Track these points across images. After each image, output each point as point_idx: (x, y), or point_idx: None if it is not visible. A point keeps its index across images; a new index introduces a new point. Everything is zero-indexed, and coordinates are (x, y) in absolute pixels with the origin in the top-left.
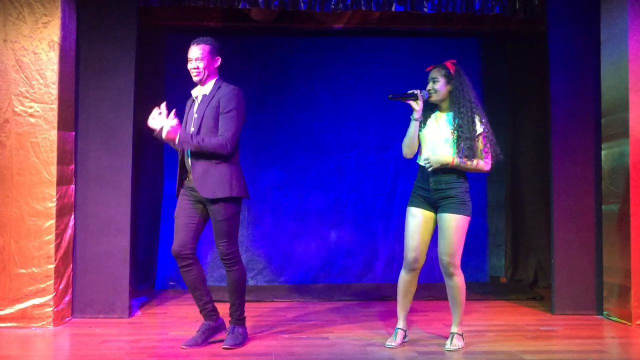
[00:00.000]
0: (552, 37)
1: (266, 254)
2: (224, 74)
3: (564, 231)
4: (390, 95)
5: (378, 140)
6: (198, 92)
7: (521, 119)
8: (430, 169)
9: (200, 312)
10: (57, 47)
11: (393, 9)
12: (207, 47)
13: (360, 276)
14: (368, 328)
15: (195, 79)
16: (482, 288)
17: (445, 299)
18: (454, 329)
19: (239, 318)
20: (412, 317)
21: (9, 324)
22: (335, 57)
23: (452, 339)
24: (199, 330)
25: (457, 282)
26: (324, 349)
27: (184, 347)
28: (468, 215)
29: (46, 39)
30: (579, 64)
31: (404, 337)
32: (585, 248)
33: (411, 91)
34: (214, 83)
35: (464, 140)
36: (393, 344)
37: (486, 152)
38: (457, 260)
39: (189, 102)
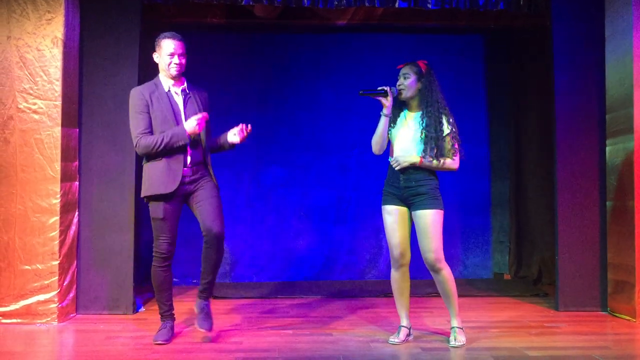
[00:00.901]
0: (556, 33)
1: (269, 251)
2: (227, 71)
3: (568, 227)
4: (361, 92)
5: None
6: (171, 87)
7: (525, 114)
8: (397, 169)
9: (165, 312)
10: (60, 43)
11: (397, 5)
12: (184, 44)
13: (363, 273)
14: (372, 324)
15: (176, 73)
16: (486, 285)
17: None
18: (454, 322)
19: (211, 292)
20: (415, 313)
21: (14, 320)
22: (338, 54)
23: (455, 335)
24: (165, 328)
25: (445, 275)
26: (328, 345)
27: (159, 342)
28: (441, 209)
29: (50, 35)
30: (583, 60)
31: (408, 334)
32: (589, 244)
33: (381, 87)
34: (186, 80)
35: (431, 139)
36: (396, 340)
37: (454, 151)
38: (441, 254)
39: (143, 91)
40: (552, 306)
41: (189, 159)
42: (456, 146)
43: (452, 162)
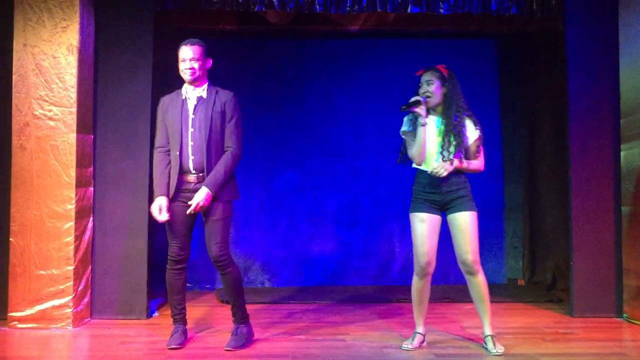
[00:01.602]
0: (569, 37)
1: (282, 256)
2: (241, 77)
3: (582, 233)
4: (403, 107)
5: (394, 142)
6: (189, 93)
7: (539, 119)
8: (445, 175)
9: (176, 315)
10: (75, 51)
11: (409, 10)
12: (200, 48)
13: (376, 278)
14: (384, 330)
15: (188, 79)
16: (499, 290)
17: (463, 300)
18: (489, 330)
19: (242, 317)
20: (428, 319)
21: (29, 325)
22: (351, 59)
23: (493, 342)
24: (177, 332)
25: (482, 278)
26: (340, 350)
27: (173, 347)
28: (477, 212)
29: (65, 43)
30: (597, 64)
31: (422, 341)
32: (604, 250)
33: (414, 98)
34: (208, 86)
35: (460, 144)
36: (409, 346)
37: (479, 153)
38: (479, 257)
39: (167, 100)
40: (567, 312)
41: (191, 165)
42: (481, 148)
43: (480, 165)
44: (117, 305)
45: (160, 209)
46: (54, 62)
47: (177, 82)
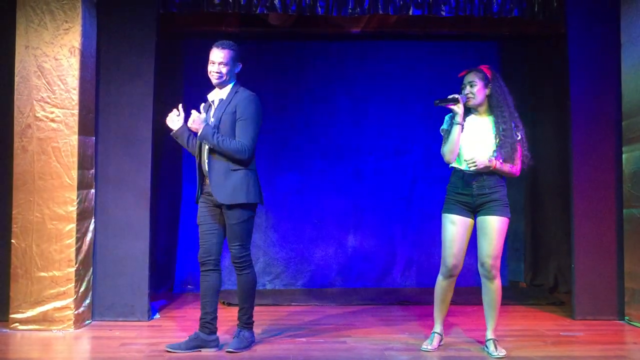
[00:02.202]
0: (571, 39)
1: (284, 257)
2: (242, 79)
3: (584, 235)
4: (437, 101)
5: (396, 144)
6: (215, 96)
7: (541, 122)
8: (473, 169)
9: (200, 319)
10: (77, 53)
11: (410, 12)
12: (231, 52)
13: (378, 280)
14: (386, 332)
15: (215, 82)
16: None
17: (465, 303)
18: (492, 334)
19: (247, 322)
20: (429, 321)
21: (31, 327)
22: (353, 61)
23: (495, 346)
24: (188, 337)
25: (497, 285)
26: (342, 353)
27: (168, 349)
28: (509, 218)
29: (67, 45)
30: (599, 66)
31: (440, 341)
32: (606, 252)
33: (452, 95)
34: (232, 87)
35: (507, 145)
36: (429, 347)
37: (519, 158)
38: (499, 263)
39: (204, 107)
40: (569, 315)
41: (206, 168)
42: (520, 153)
43: (516, 169)
44: (119, 307)
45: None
46: (56, 64)
47: (180, 84)
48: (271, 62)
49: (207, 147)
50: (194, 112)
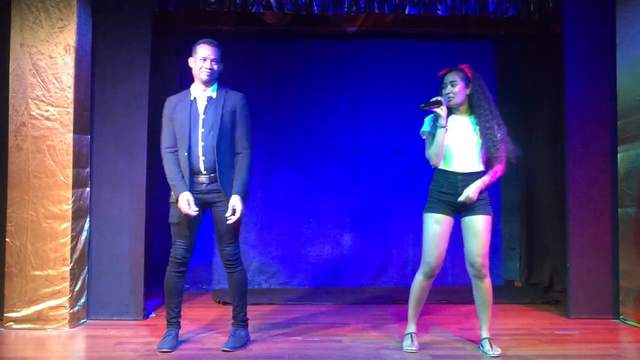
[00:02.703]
0: (567, 39)
1: (280, 256)
2: (238, 78)
3: (579, 234)
4: (422, 105)
5: (393, 143)
6: (199, 93)
7: (536, 121)
8: (469, 201)
9: (172, 318)
10: (73, 51)
11: (406, 11)
12: (219, 51)
13: (373, 279)
14: (382, 331)
15: (205, 78)
16: (496, 292)
17: (460, 302)
18: (487, 333)
19: (242, 320)
20: (426, 320)
21: (25, 326)
22: (349, 60)
23: (490, 345)
24: (170, 335)
25: (488, 283)
26: (337, 351)
27: (164, 350)
28: (493, 216)
29: (62, 43)
30: (595, 66)
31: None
32: (601, 251)
33: (435, 98)
34: (217, 86)
35: (491, 144)
36: (414, 347)
37: (502, 157)
38: (488, 261)
39: (174, 100)
40: (564, 314)
41: (202, 165)
42: (502, 151)
43: (501, 170)
44: (114, 306)
45: (188, 203)
46: (51, 62)
47: (175, 83)
48: (267, 61)
49: (202, 143)
50: (238, 207)
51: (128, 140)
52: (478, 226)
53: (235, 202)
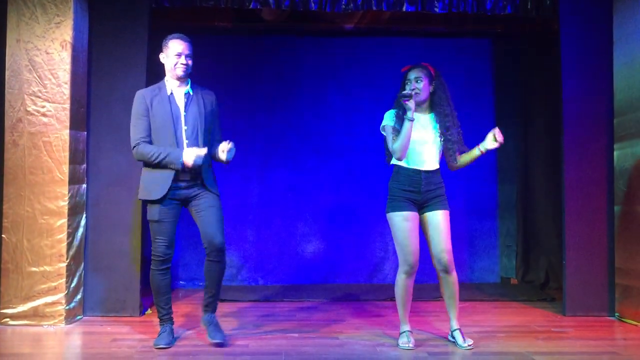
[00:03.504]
0: (564, 36)
1: (276, 254)
2: (234, 74)
3: (575, 232)
4: (400, 99)
5: None
6: (174, 89)
7: (533, 119)
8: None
9: (163, 316)
10: (69, 47)
11: (404, 9)
12: (192, 45)
13: (370, 277)
14: (378, 328)
15: (182, 74)
16: (492, 289)
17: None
18: (456, 324)
19: (215, 307)
20: (422, 317)
21: (21, 322)
22: (346, 58)
23: (462, 336)
24: (165, 332)
25: (455, 276)
26: (334, 348)
27: (161, 346)
28: (449, 211)
29: (59, 39)
30: (592, 63)
31: None
32: (597, 249)
33: (405, 92)
34: (190, 82)
35: (453, 141)
36: (410, 345)
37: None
38: (452, 255)
39: (146, 94)
40: (559, 311)
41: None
42: (457, 152)
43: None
44: (110, 303)
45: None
46: (47, 58)
47: None
48: (263, 58)
49: (187, 141)
50: (195, 150)
51: (125, 136)
52: (440, 222)
53: (199, 155)
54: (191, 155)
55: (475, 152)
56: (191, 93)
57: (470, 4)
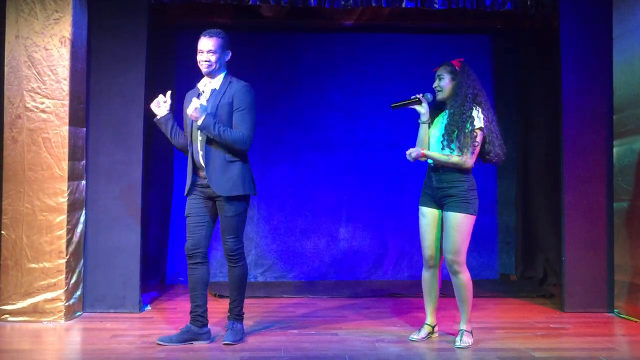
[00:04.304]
0: (564, 33)
1: (276, 250)
2: (234, 71)
3: (574, 228)
4: (393, 105)
5: (388, 137)
6: (205, 86)
7: (532, 115)
8: (409, 159)
9: (190, 313)
10: (68, 43)
11: (403, 5)
12: (219, 40)
13: (369, 273)
14: (377, 324)
15: (205, 71)
16: (492, 285)
17: (453, 296)
18: (463, 326)
19: (238, 314)
20: (421, 314)
21: (21, 318)
22: (345, 54)
23: (461, 336)
24: (180, 330)
25: (462, 279)
26: (333, 344)
27: (159, 342)
28: (472, 214)
29: (57, 35)
30: (591, 60)
31: (431, 332)
32: (596, 245)
33: (413, 96)
34: (224, 77)
35: (451, 133)
36: (416, 337)
37: (472, 147)
38: (461, 258)
39: (189, 94)
40: (558, 307)
41: (201, 160)
42: (475, 143)
43: (459, 159)
44: (109, 299)
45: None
46: (46, 54)
47: (171, 75)
48: (263, 54)
49: (200, 137)
50: (195, 99)
51: (124, 132)
52: (448, 223)
53: (197, 109)
54: (192, 107)
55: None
56: (217, 88)
57: (470, 0)
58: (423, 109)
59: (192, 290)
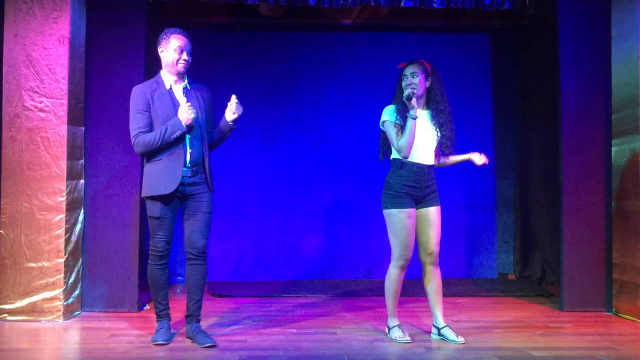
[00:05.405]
0: (562, 32)
1: (274, 249)
2: (232, 70)
3: (573, 228)
4: (407, 101)
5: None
6: (172, 83)
7: (531, 115)
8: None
9: (161, 312)
10: (67, 42)
11: (402, 4)
12: (191, 42)
13: (368, 272)
14: (376, 323)
15: (181, 70)
16: (490, 284)
17: (452, 295)
18: (444, 321)
19: (200, 315)
20: (419, 313)
21: (19, 318)
22: (344, 53)
23: (453, 331)
24: (163, 328)
25: (439, 271)
26: (332, 344)
27: (159, 342)
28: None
29: (56, 34)
30: (590, 59)
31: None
32: (594, 245)
33: (406, 93)
34: (186, 77)
35: (448, 138)
36: (407, 338)
37: (451, 153)
38: None
39: (147, 91)
40: (557, 306)
41: (188, 158)
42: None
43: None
44: (108, 298)
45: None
46: (44, 53)
47: None
48: (262, 53)
49: (188, 137)
50: (186, 103)
51: (123, 131)
52: (435, 217)
53: (190, 108)
54: (185, 111)
55: (465, 157)
56: (189, 88)
57: (469, 0)
58: (416, 104)
59: (163, 289)
